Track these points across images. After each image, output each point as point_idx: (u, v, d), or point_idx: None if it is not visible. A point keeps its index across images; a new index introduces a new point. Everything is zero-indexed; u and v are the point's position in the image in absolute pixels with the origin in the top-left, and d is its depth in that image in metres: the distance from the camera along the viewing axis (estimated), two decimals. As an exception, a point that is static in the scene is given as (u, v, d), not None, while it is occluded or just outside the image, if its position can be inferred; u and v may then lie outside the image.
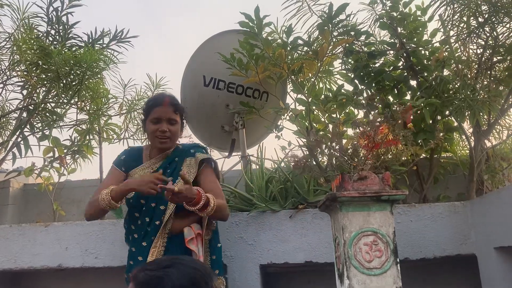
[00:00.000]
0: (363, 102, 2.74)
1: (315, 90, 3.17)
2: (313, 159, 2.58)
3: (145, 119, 2.10)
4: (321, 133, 2.87)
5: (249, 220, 2.45)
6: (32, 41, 3.37)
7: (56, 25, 3.61)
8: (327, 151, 2.35)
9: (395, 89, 2.92)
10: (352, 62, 2.98)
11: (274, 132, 2.88)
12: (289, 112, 2.86)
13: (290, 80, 3.06)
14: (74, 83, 3.38)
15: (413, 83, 2.90)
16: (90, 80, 3.47)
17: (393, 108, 2.70)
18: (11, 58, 3.47)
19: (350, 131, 2.74)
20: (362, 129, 1.89)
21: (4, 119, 3.69)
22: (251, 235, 2.43)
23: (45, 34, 3.60)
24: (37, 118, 3.63)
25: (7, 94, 3.70)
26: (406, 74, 2.90)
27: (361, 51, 2.97)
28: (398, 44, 2.86)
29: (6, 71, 3.53)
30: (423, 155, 2.83)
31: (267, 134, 3.54)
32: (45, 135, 3.59)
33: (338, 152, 2.06)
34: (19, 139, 3.55)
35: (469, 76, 2.78)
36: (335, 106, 2.89)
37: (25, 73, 3.46)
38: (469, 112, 2.58)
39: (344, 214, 1.71)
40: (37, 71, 3.47)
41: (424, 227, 2.35)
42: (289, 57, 2.89)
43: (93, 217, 2.01)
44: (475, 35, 2.79)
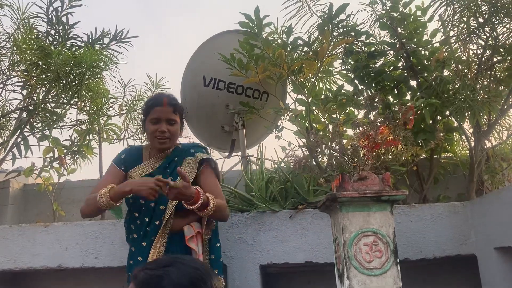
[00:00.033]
0: (363, 102, 2.74)
1: (315, 90, 3.17)
2: (313, 159, 2.58)
3: (145, 119, 2.09)
4: (321, 133, 2.87)
5: (249, 220, 2.45)
6: (32, 41, 3.37)
7: (56, 25, 3.60)
8: (327, 151, 2.35)
9: (395, 90, 2.92)
10: (352, 62, 2.98)
11: (274, 132, 2.88)
12: (289, 112, 2.86)
13: (290, 80, 3.06)
14: (74, 83, 3.38)
15: (413, 83, 2.90)
16: (90, 80, 3.46)
17: (394, 109, 2.71)
18: (11, 58, 3.47)
19: (350, 131, 2.75)
20: (362, 130, 1.89)
21: (4, 119, 3.69)
22: (251, 235, 2.42)
23: (45, 34, 3.59)
24: (37, 118, 3.62)
25: (7, 94, 3.70)
26: (406, 75, 2.90)
27: (361, 51, 2.97)
28: (398, 45, 2.86)
29: (6, 71, 3.52)
30: (423, 156, 2.83)
31: (267, 134, 3.54)
32: (45, 135, 3.58)
33: (338, 153, 2.06)
34: (19, 139, 3.55)
35: (469, 77, 2.78)
36: (335, 106, 2.89)
37: (25, 73, 3.45)
38: (469, 112, 2.58)
39: (344, 215, 1.71)
40: (37, 71, 3.46)
41: (424, 228, 2.35)
42: (289, 57, 2.89)
43: (89, 215, 1.98)
44: (475, 36, 2.79)
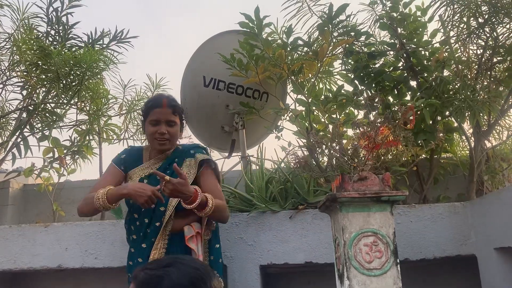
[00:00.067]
0: (363, 103, 2.74)
1: (315, 91, 3.17)
2: (313, 160, 2.58)
3: (144, 121, 2.08)
4: (321, 134, 2.87)
5: (249, 221, 2.45)
6: (32, 42, 3.37)
7: (56, 26, 3.60)
8: (327, 152, 2.35)
9: (395, 90, 2.92)
10: (352, 63, 2.98)
11: (274, 133, 2.89)
12: (289, 113, 2.86)
13: (290, 81, 3.06)
14: (74, 84, 3.38)
15: (413, 84, 2.90)
16: (90, 81, 3.46)
17: (394, 109, 2.71)
18: (11, 59, 3.47)
19: (350, 132, 2.75)
20: (363, 130, 1.89)
21: (4, 120, 3.69)
22: (251, 236, 2.42)
23: (45, 35, 3.59)
24: (37, 119, 3.62)
25: (7, 95, 3.71)
26: (406, 75, 2.90)
27: (361, 52, 2.97)
28: (398, 45, 2.86)
29: (6, 72, 3.53)
30: (423, 156, 2.83)
31: (267, 135, 3.54)
32: (45, 136, 3.58)
33: (338, 153, 2.06)
34: (19, 140, 3.55)
35: (469, 77, 2.78)
36: (335, 107, 2.89)
37: (25, 74, 3.45)
38: (469, 113, 2.58)
39: (344, 215, 1.71)
40: (37, 72, 3.46)
41: (424, 228, 2.35)
42: (289, 58, 2.89)
43: (86, 215, 1.98)
44: (475, 36, 2.79)
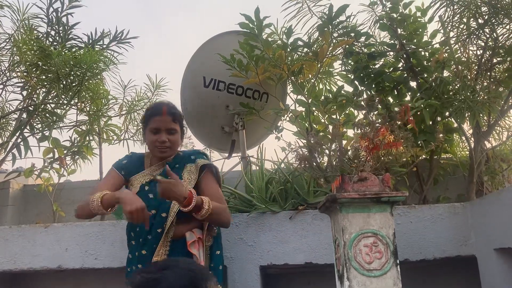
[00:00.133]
0: (363, 104, 2.74)
1: (315, 91, 3.17)
2: (313, 160, 2.58)
3: (144, 129, 2.08)
4: (321, 134, 2.87)
5: (249, 221, 2.45)
6: (32, 42, 3.37)
7: (56, 26, 3.60)
8: (327, 152, 2.35)
9: (395, 90, 2.92)
10: (352, 63, 2.98)
11: (274, 133, 2.89)
12: (289, 113, 2.87)
13: (290, 81, 3.06)
14: (74, 84, 3.38)
15: (413, 84, 2.90)
16: (90, 81, 3.46)
17: (393, 109, 2.71)
18: (11, 59, 3.47)
19: (350, 132, 2.75)
20: (363, 131, 1.89)
21: (4, 120, 3.69)
22: (251, 236, 2.42)
23: (45, 35, 3.59)
24: (37, 119, 3.63)
25: (7, 95, 3.71)
26: (406, 75, 2.90)
27: (361, 52, 2.97)
28: (398, 45, 2.86)
29: (6, 72, 3.53)
30: (423, 156, 2.83)
31: (267, 135, 3.54)
32: (45, 136, 3.59)
33: (338, 154, 2.06)
34: (19, 140, 3.55)
35: (469, 77, 2.78)
36: (335, 107, 2.89)
37: (25, 74, 3.45)
38: (469, 113, 2.58)
39: (344, 216, 1.71)
40: (37, 72, 3.47)
41: (424, 228, 2.35)
42: (289, 58, 2.89)
43: (82, 217, 1.98)
44: (475, 37, 2.79)
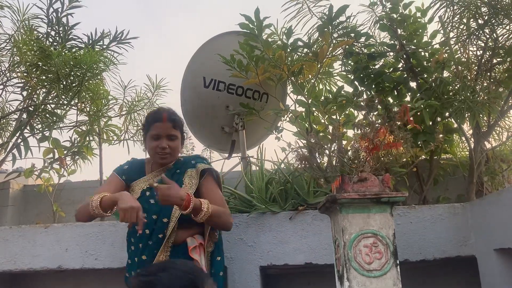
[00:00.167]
0: (363, 104, 2.74)
1: (315, 92, 3.18)
2: (313, 161, 2.58)
3: (145, 135, 2.08)
4: (321, 135, 2.87)
5: (249, 222, 2.45)
6: (32, 43, 3.37)
7: (56, 26, 3.60)
8: (327, 153, 2.35)
9: (395, 91, 2.92)
10: (352, 64, 2.98)
11: (274, 134, 2.89)
12: (289, 114, 2.87)
13: (290, 82, 3.06)
14: (74, 85, 3.38)
15: (413, 85, 2.90)
16: (90, 82, 3.46)
17: (393, 110, 2.71)
18: (11, 60, 3.47)
19: (350, 133, 2.75)
20: (363, 131, 1.89)
21: (4, 120, 3.69)
22: (251, 237, 2.42)
23: (45, 36, 3.60)
24: (37, 119, 3.63)
25: (7, 95, 3.71)
26: (406, 76, 2.91)
27: (361, 53, 2.97)
28: (398, 46, 2.86)
29: (6, 73, 3.53)
30: (423, 157, 2.83)
31: (267, 136, 3.54)
32: (45, 136, 3.59)
33: (338, 154, 2.06)
34: (19, 140, 3.55)
35: (469, 78, 2.78)
36: (335, 108, 2.89)
37: (25, 75, 3.46)
38: (469, 114, 2.58)
39: (344, 216, 1.71)
40: (37, 73, 3.47)
41: (424, 229, 2.35)
42: (289, 59, 2.89)
43: (82, 220, 2.00)
44: (475, 37, 2.79)
